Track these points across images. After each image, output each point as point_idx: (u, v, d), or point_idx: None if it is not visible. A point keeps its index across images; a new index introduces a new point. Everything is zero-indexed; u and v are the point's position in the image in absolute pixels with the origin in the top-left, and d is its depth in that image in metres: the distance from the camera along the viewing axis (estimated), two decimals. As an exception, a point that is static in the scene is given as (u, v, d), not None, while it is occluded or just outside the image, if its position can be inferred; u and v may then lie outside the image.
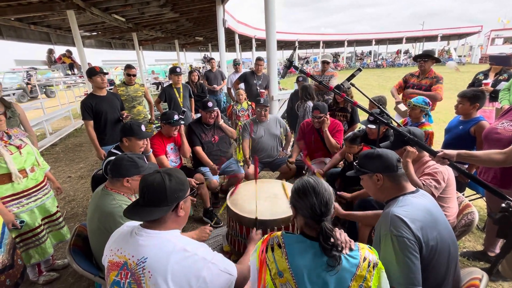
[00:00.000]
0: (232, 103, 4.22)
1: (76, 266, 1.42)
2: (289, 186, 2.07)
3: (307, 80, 3.82)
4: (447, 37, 33.17)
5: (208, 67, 5.88)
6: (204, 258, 1.00)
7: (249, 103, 4.19)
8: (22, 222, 1.84)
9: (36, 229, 1.96)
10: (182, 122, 2.78)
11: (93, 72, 2.90)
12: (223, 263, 1.06)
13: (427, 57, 3.25)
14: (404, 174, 1.28)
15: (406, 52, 36.23)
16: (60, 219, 2.19)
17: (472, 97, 2.28)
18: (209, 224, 1.65)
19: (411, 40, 34.40)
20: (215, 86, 5.82)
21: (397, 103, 3.12)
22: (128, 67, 3.84)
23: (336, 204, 1.73)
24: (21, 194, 1.88)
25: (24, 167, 1.89)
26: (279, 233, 1.03)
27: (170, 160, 2.83)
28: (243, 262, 1.29)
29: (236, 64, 5.88)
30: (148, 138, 2.28)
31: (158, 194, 1.02)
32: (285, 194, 2.03)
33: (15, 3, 5.43)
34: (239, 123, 4.04)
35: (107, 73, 3.03)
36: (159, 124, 2.86)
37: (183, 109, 3.74)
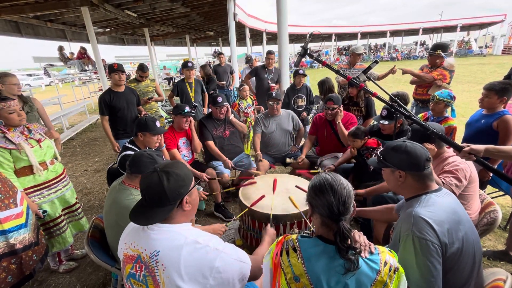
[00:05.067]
0: (237, 101, 4.18)
1: (94, 257, 1.47)
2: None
3: (302, 72, 3.73)
4: (467, 27, 31.58)
5: (217, 62, 5.88)
6: (216, 249, 1.00)
7: (252, 97, 4.14)
8: (44, 212, 1.92)
9: (57, 219, 2.05)
10: (193, 113, 2.81)
11: (111, 69, 2.99)
12: (235, 253, 1.07)
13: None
14: (430, 174, 1.19)
15: (423, 44, 34.82)
16: (79, 210, 2.27)
17: (501, 90, 2.14)
18: (225, 224, 1.66)
19: (428, 31, 32.87)
20: (223, 82, 5.78)
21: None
22: (142, 69, 3.87)
23: None
24: (42, 186, 1.96)
25: (44, 159, 1.96)
26: (294, 236, 0.99)
27: (183, 154, 2.86)
28: (257, 253, 1.29)
29: (248, 61, 5.75)
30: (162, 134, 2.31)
31: (158, 195, 0.99)
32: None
33: (32, 0, 5.59)
34: (248, 119, 4.01)
35: (125, 71, 3.12)
36: (171, 119, 2.91)
37: (194, 103, 3.75)
